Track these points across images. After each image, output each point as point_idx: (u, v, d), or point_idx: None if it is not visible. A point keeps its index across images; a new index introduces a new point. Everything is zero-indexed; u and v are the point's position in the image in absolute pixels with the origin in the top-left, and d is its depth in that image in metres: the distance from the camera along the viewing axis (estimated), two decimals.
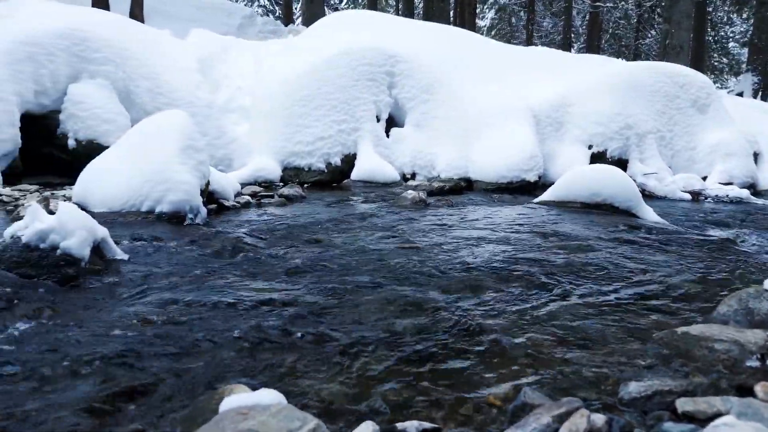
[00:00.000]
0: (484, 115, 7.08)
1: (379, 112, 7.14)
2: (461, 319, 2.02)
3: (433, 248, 3.13)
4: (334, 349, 1.72)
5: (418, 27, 9.31)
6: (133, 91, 6.62)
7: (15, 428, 1.25)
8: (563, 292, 2.40)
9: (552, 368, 1.65)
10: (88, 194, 3.87)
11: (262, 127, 6.92)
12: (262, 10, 29.95)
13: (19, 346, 1.71)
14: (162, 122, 4.06)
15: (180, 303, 2.13)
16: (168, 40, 8.00)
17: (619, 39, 27.61)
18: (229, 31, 14.52)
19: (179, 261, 2.75)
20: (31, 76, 6.05)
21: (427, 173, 6.91)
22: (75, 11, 7.15)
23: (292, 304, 2.13)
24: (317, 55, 7.41)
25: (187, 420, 1.25)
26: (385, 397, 1.42)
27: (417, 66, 7.48)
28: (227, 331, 1.84)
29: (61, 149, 6.27)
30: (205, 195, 4.12)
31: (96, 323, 1.91)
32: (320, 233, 3.51)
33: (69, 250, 2.48)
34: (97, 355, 1.64)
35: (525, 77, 8.23)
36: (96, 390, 1.43)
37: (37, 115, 6.24)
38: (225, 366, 1.58)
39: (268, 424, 0.93)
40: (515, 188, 6.41)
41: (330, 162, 6.69)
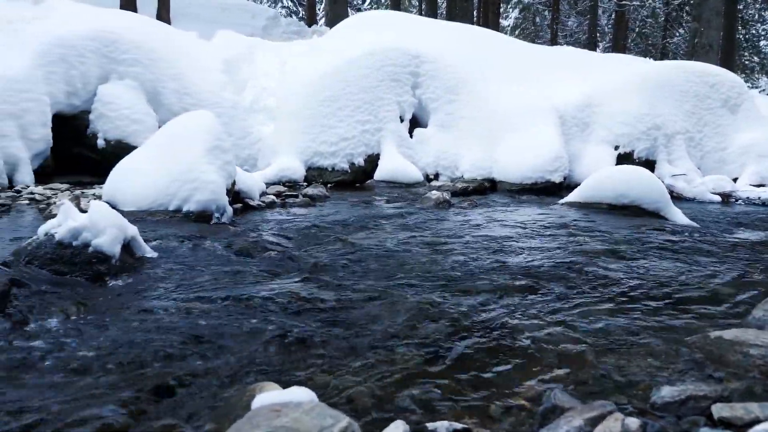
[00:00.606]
0: (509, 116, 7.02)
1: (402, 113, 7.14)
2: (488, 320, 2.01)
3: (459, 249, 3.11)
4: (361, 348, 1.72)
5: (442, 27, 9.28)
6: (160, 92, 6.72)
7: (51, 420, 1.28)
8: (591, 294, 2.37)
9: (581, 371, 1.63)
10: (118, 193, 3.94)
11: (286, 128, 6.97)
12: (286, 11, 30.16)
13: (54, 341, 1.75)
14: (189, 123, 4.11)
15: (208, 301, 2.16)
16: (194, 41, 8.12)
17: (645, 38, 27.18)
18: (253, 32, 14.66)
19: (207, 259, 2.79)
20: (62, 77, 6.18)
21: (451, 174, 6.89)
22: (105, 13, 7.29)
23: (318, 303, 2.14)
24: (341, 56, 7.44)
25: (218, 416, 1.27)
26: (413, 397, 1.42)
27: (441, 66, 7.47)
28: (256, 328, 1.85)
29: (90, 149, 6.40)
30: (231, 194, 4.17)
31: (127, 319, 1.94)
32: (345, 233, 3.52)
33: (100, 247, 2.52)
34: (129, 351, 1.67)
35: (550, 77, 8.15)
36: (128, 385, 1.46)
37: (68, 115, 6.39)
38: (254, 363, 1.60)
39: (302, 422, 0.94)
40: (540, 189, 6.35)
41: (353, 162, 6.71)
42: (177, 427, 1.23)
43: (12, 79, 5.74)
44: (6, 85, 5.64)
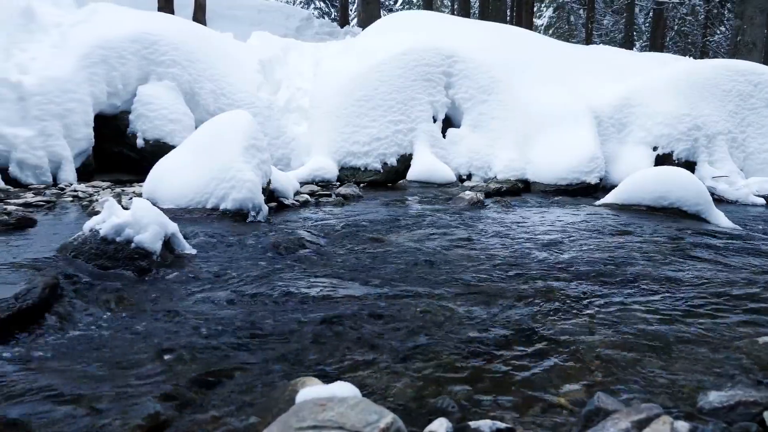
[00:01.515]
0: (543, 116, 6.94)
1: (435, 113, 7.12)
2: (524, 321, 1.99)
3: (494, 249, 3.09)
4: (398, 345, 1.73)
5: (475, 26, 9.23)
6: (197, 92, 6.85)
7: (101, 411, 1.32)
8: (632, 296, 2.32)
9: (623, 373, 1.60)
10: (157, 191, 4.03)
11: (320, 128, 7.03)
12: (318, 13, 30.39)
13: (100, 334, 1.80)
14: (227, 122, 4.18)
15: (247, 297, 2.19)
16: (230, 42, 8.25)
17: (685, 36, 26.50)
18: (287, 33, 14.83)
19: (244, 257, 2.83)
20: (104, 78, 6.36)
21: (484, 174, 6.84)
22: (145, 16, 7.47)
23: (355, 301, 2.15)
24: (374, 56, 7.47)
25: (261, 410, 1.29)
26: (452, 395, 1.41)
27: (475, 66, 7.42)
28: (295, 324, 1.87)
29: (130, 148, 6.57)
30: (266, 193, 4.22)
31: (169, 314, 1.98)
32: (379, 232, 3.53)
33: (142, 243, 2.58)
34: (173, 345, 1.70)
35: (585, 77, 8.03)
36: (173, 377, 1.49)
37: (109, 115, 6.57)
38: (294, 358, 1.62)
39: (347, 416, 0.94)
40: (575, 190, 6.26)
41: (386, 162, 6.73)
42: (221, 420, 1.26)
43: (57, 80, 5.93)
44: (52, 86, 5.83)
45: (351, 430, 0.92)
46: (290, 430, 0.93)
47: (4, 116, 5.46)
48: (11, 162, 5.46)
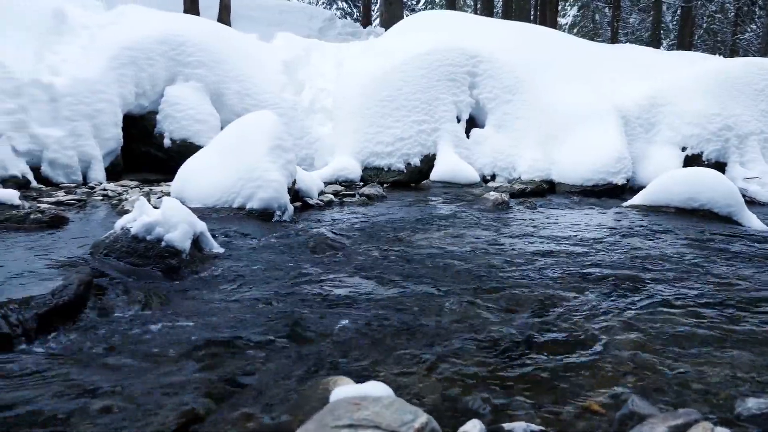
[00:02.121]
0: (569, 116, 6.87)
1: (459, 113, 7.09)
2: (554, 323, 1.97)
3: (521, 250, 3.07)
4: (427, 346, 1.73)
5: (499, 26, 9.17)
6: (223, 93, 6.93)
7: (137, 405, 1.34)
8: (663, 299, 2.29)
9: (656, 378, 1.58)
10: (185, 190, 4.08)
11: (343, 128, 7.05)
12: (341, 13, 30.49)
13: (133, 330, 1.83)
14: (253, 123, 4.22)
15: (275, 296, 2.21)
16: (255, 43, 8.32)
17: (714, 34, 25.97)
18: (310, 33, 14.91)
19: (271, 256, 2.85)
20: (132, 79, 6.47)
21: (508, 175, 6.80)
22: (172, 18, 7.58)
23: (382, 301, 2.15)
24: (398, 56, 7.47)
25: (293, 407, 1.30)
26: (483, 397, 1.41)
27: (499, 66, 7.38)
28: (323, 324, 1.88)
29: (157, 148, 6.67)
30: (292, 193, 4.25)
31: (200, 312, 2.01)
32: (404, 232, 3.53)
33: (172, 242, 2.62)
34: (204, 342, 1.73)
35: (611, 76, 7.93)
36: (205, 373, 1.51)
37: (137, 115, 6.68)
38: (323, 357, 1.62)
39: (383, 416, 0.95)
40: (601, 191, 6.18)
41: (409, 162, 6.72)
42: (254, 416, 1.27)
43: (87, 81, 6.04)
44: (82, 87, 5.94)
45: (387, 429, 0.92)
46: (326, 428, 0.93)
47: (36, 117, 5.58)
48: (43, 161, 5.59)
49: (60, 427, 1.24)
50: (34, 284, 2.12)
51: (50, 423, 1.26)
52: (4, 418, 1.25)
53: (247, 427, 1.22)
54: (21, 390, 1.41)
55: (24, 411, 1.30)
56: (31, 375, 1.52)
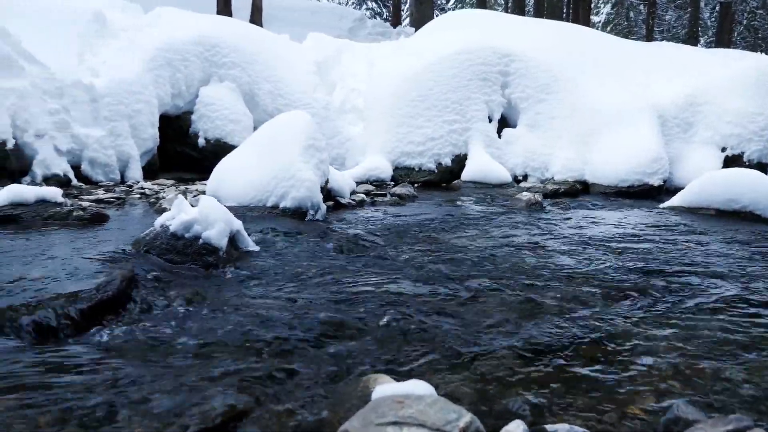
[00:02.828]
0: (604, 115, 6.75)
1: (491, 113, 7.04)
2: (592, 325, 1.94)
3: (555, 251, 3.03)
4: (465, 345, 1.72)
5: (531, 24, 9.07)
6: (256, 93, 7.02)
7: (179, 400, 1.37)
8: (706, 302, 2.23)
9: (702, 382, 1.54)
10: (220, 189, 4.15)
11: (374, 128, 7.07)
12: (370, 13, 30.57)
13: (174, 326, 1.87)
14: (287, 123, 4.26)
15: (311, 293, 2.23)
16: (287, 44, 8.41)
17: (754, 31, 25.20)
18: (340, 34, 14.99)
19: (305, 254, 2.88)
20: (168, 80, 6.61)
21: (540, 175, 6.72)
22: (207, 20, 7.71)
23: (417, 300, 2.15)
24: (429, 56, 7.45)
25: (333, 404, 1.31)
26: (523, 397, 1.40)
27: (532, 65, 7.30)
28: (360, 322, 1.89)
29: (192, 147, 6.80)
30: (324, 192, 4.28)
31: (237, 308, 2.04)
32: (437, 232, 3.52)
33: (209, 239, 2.66)
34: (242, 337, 1.75)
35: (647, 74, 7.76)
36: (245, 369, 1.53)
37: (173, 116, 6.82)
38: (361, 355, 1.63)
39: (427, 414, 0.95)
40: (636, 192, 6.06)
41: (440, 162, 6.70)
42: (295, 413, 1.28)
43: (126, 82, 6.19)
44: (121, 88, 6.09)
45: (432, 427, 0.92)
46: (371, 425, 0.94)
47: (78, 117, 5.74)
48: (83, 160, 5.74)
49: (105, 418, 1.27)
50: (79, 279, 2.18)
51: (96, 414, 1.29)
52: (53, 409, 1.29)
53: (289, 423, 1.24)
54: (69, 382, 1.46)
55: (71, 402, 1.33)
56: (78, 367, 1.56)
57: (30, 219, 3.42)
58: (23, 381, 1.42)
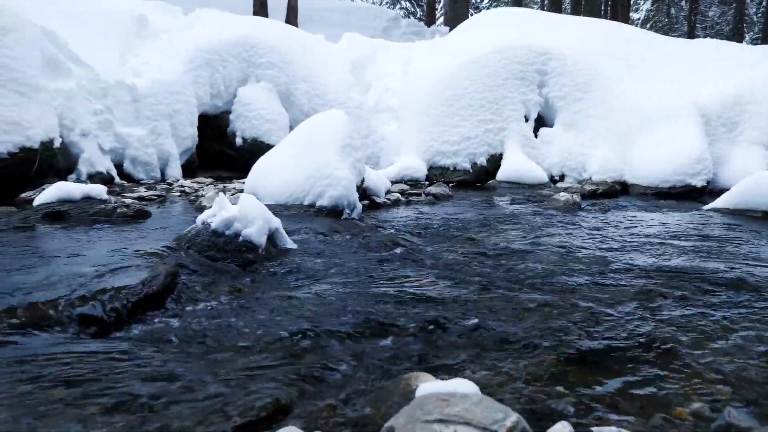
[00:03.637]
0: (644, 114, 6.60)
1: (527, 112, 6.96)
2: (636, 328, 1.89)
3: (595, 252, 2.98)
4: (504, 346, 1.70)
5: (569, 22, 8.93)
6: (292, 93, 7.10)
7: (222, 393, 1.40)
8: (757, 306, 2.16)
9: (753, 388, 1.49)
10: (258, 187, 4.21)
11: (409, 127, 7.07)
12: (404, 12, 30.55)
13: (216, 321, 1.91)
14: (324, 122, 4.30)
15: (349, 292, 2.24)
16: (323, 44, 8.48)
17: None
18: (375, 34, 15.04)
19: (342, 252, 2.90)
20: (208, 80, 6.74)
21: (577, 175, 6.61)
22: (245, 21, 7.84)
23: (455, 300, 2.14)
24: (465, 55, 7.41)
25: (375, 401, 1.31)
26: (566, 398, 1.38)
27: (569, 63, 7.18)
28: (398, 320, 1.90)
29: (229, 146, 6.93)
30: (360, 191, 4.30)
31: (278, 305, 2.07)
32: (474, 232, 3.50)
33: (249, 237, 2.70)
34: (283, 334, 1.77)
35: (689, 73, 7.55)
36: (287, 365, 1.55)
37: (211, 115, 6.95)
38: (401, 353, 1.63)
39: (473, 413, 0.94)
40: (678, 194, 5.90)
41: (475, 162, 6.66)
42: (337, 408, 1.29)
43: (166, 82, 6.34)
44: (162, 88, 6.24)
45: (478, 426, 0.92)
46: (417, 422, 0.94)
47: (120, 117, 5.91)
48: (125, 158, 5.91)
49: (152, 407, 1.30)
50: (125, 274, 2.24)
51: (143, 403, 1.32)
52: (102, 399, 1.33)
53: (332, 418, 1.25)
54: (116, 372, 1.50)
55: (119, 391, 1.37)
56: (125, 359, 1.60)
57: (77, 215, 3.54)
58: (74, 371, 1.47)
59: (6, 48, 4.97)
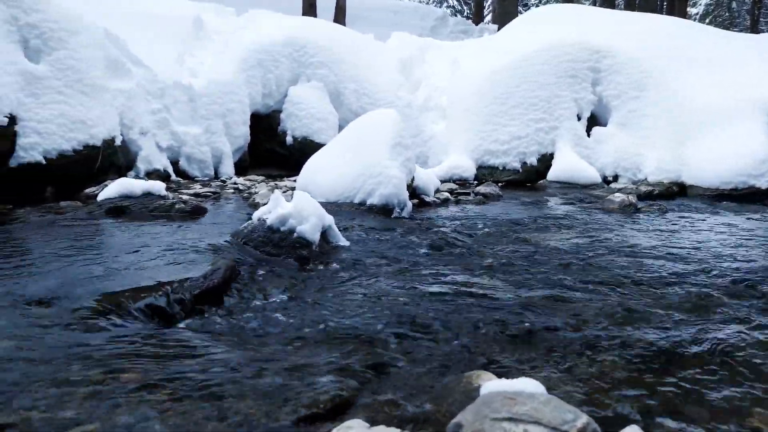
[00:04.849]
0: (703, 113, 6.35)
1: (580, 111, 6.81)
2: (705, 332, 1.83)
3: (654, 255, 2.89)
4: (564, 347, 1.67)
5: (624, 18, 8.67)
6: (342, 92, 7.17)
7: (283, 385, 1.42)
8: None
9: None
10: (310, 185, 4.27)
11: (457, 126, 7.02)
12: (451, 11, 30.36)
13: (273, 315, 1.95)
14: (375, 120, 4.32)
15: (403, 289, 2.25)
16: (371, 43, 8.52)
17: None
18: (422, 32, 15.00)
19: (394, 250, 2.91)
20: (260, 80, 6.88)
21: (632, 176, 6.42)
22: (296, 21, 7.96)
23: (511, 299, 2.12)
24: (515, 53, 7.31)
25: (436, 398, 1.31)
26: (633, 403, 1.34)
27: (624, 60, 6.98)
28: (454, 318, 1.89)
29: (280, 145, 7.05)
30: (410, 190, 4.30)
31: (332, 300, 2.09)
32: (526, 232, 3.45)
33: (303, 234, 2.75)
34: (339, 328, 1.80)
35: (754, 69, 7.20)
36: (345, 359, 1.57)
37: (263, 114, 7.09)
38: (458, 351, 1.63)
39: (542, 412, 0.93)
40: (740, 196, 5.65)
41: (525, 161, 6.56)
42: (398, 404, 1.30)
43: (220, 82, 6.51)
44: (216, 88, 6.41)
45: (548, 426, 0.91)
46: (485, 419, 0.94)
47: (177, 116, 6.10)
48: (181, 156, 6.10)
49: (218, 396, 1.34)
50: (186, 267, 2.32)
51: (210, 391, 1.36)
52: (171, 385, 1.37)
53: (393, 413, 1.26)
54: (183, 361, 1.55)
55: (187, 379, 1.42)
56: (190, 348, 1.65)
57: (137, 211, 3.67)
58: (143, 360, 1.52)
59: (72, 50, 5.21)
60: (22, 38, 4.91)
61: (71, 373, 1.41)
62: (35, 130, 4.66)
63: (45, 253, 2.59)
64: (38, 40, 4.98)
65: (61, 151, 4.79)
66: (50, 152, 4.71)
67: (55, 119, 4.81)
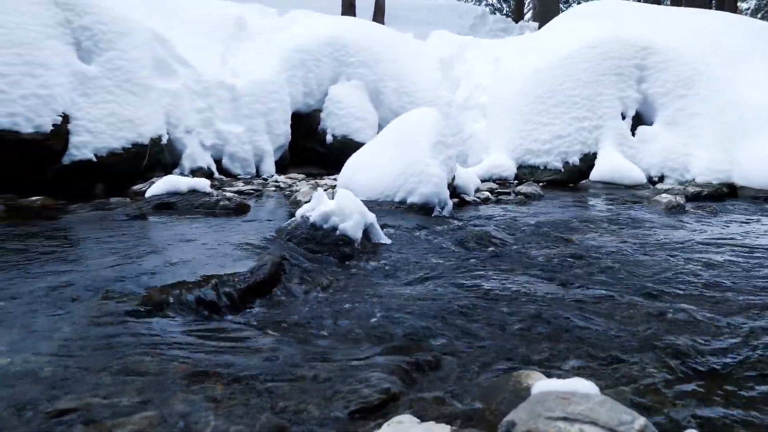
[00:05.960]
0: (756, 112, 6.12)
1: (624, 109, 6.65)
2: (758, 339, 1.76)
3: (707, 258, 2.80)
4: (614, 350, 1.64)
5: (671, 14, 8.43)
6: (381, 91, 7.19)
7: (329, 380, 1.44)
8: None
9: None
10: (350, 183, 4.30)
11: (498, 125, 6.96)
12: (490, 9, 30.05)
13: (318, 310, 1.97)
14: (416, 119, 4.32)
15: (444, 287, 2.24)
16: (411, 42, 8.52)
17: None
18: (462, 31, 14.90)
19: (437, 249, 2.90)
20: (301, 79, 6.96)
21: (679, 176, 6.24)
22: (336, 21, 8.03)
23: (556, 300, 2.09)
24: (558, 51, 7.19)
25: (484, 396, 1.31)
26: (688, 409, 1.31)
27: (672, 57, 6.78)
28: (498, 317, 1.88)
29: (320, 143, 7.12)
30: (450, 189, 4.28)
31: (376, 297, 2.11)
32: (569, 233, 3.39)
33: (345, 231, 2.77)
34: (384, 325, 1.81)
35: None
36: (391, 356, 1.57)
37: (303, 113, 7.17)
38: (504, 349, 1.62)
39: (598, 413, 0.92)
40: None
41: (567, 161, 6.45)
42: (445, 401, 1.30)
43: (262, 82, 6.62)
44: (258, 87, 6.52)
45: (605, 426, 0.89)
46: (539, 418, 0.93)
47: (221, 115, 6.23)
48: (224, 154, 6.23)
49: (268, 390, 1.36)
50: (233, 262, 2.37)
51: (260, 384, 1.39)
52: (224, 372, 1.41)
53: (441, 410, 1.26)
54: (232, 354, 1.58)
55: (237, 372, 1.45)
56: (239, 341, 1.69)
57: (184, 207, 3.77)
58: (194, 351, 1.56)
59: (121, 51, 5.38)
60: (75, 40, 5.10)
61: (128, 362, 1.46)
62: (87, 129, 4.83)
63: (98, 247, 2.69)
64: (90, 42, 5.16)
65: (111, 150, 4.96)
66: (100, 150, 4.88)
67: (105, 118, 4.98)
